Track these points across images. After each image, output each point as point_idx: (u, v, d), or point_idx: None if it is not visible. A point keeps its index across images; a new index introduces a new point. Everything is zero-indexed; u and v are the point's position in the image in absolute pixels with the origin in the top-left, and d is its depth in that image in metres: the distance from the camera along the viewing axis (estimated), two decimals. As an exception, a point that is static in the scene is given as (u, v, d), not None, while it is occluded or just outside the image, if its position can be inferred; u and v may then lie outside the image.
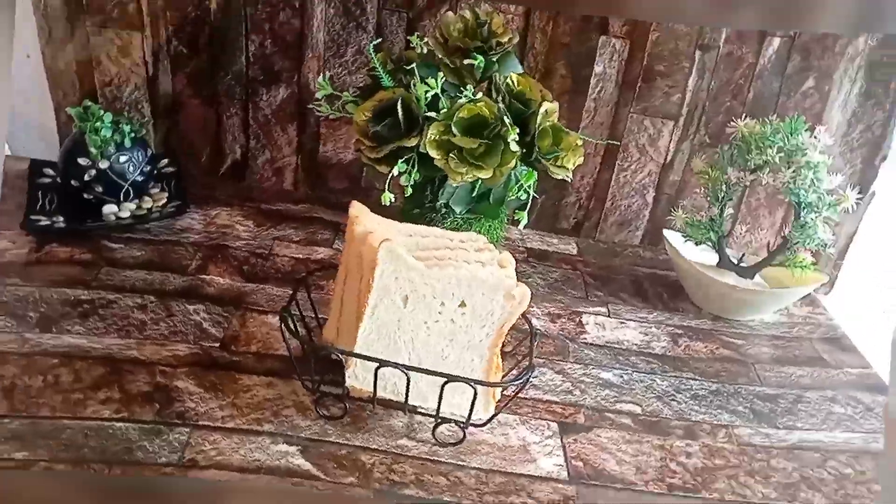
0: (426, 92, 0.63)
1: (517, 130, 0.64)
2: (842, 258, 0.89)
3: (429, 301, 0.52)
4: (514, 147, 0.63)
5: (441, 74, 0.64)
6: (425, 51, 0.69)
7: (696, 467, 0.57)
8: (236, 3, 0.78)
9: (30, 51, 0.80)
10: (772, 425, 0.63)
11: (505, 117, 0.64)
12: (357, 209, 0.57)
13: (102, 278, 0.67)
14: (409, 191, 0.66)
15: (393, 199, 0.66)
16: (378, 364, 0.52)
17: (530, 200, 0.68)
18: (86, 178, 0.72)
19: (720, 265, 0.78)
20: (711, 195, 0.75)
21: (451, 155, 0.63)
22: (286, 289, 0.69)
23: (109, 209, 0.75)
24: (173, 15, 0.79)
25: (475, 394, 0.52)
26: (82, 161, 0.72)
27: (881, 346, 0.78)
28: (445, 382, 0.52)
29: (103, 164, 0.72)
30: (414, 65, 0.65)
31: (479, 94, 0.65)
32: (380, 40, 0.78)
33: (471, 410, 0.54)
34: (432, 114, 0.64)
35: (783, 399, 0.67)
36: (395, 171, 0.64)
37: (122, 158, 0.73)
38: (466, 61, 0.66)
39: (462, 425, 0.56)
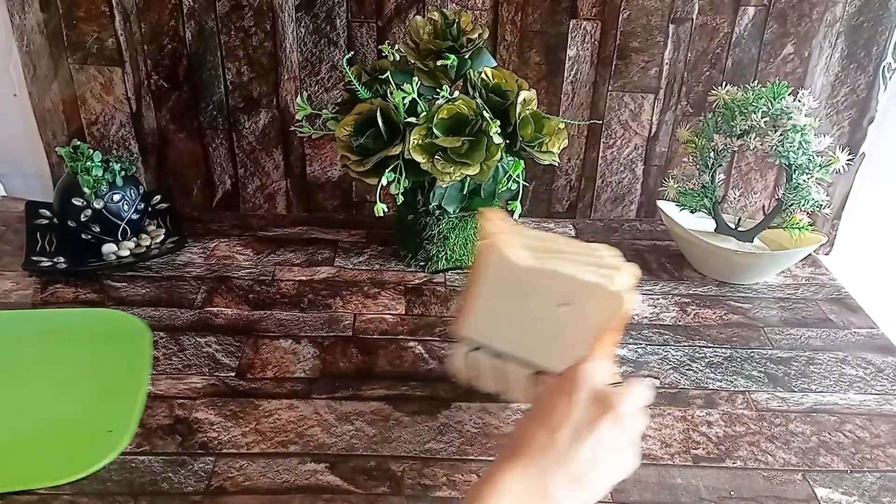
0: (403, 98, 0.63)
1: (498, 123, 0.64)
2: (838, 218, 0.89)
3: (533, 298, 0.53)
4: (497, 140, 0.64)
5: (416, 79, 0.65)
6: (397, 58, 0.69)
7: (719, 436, 0.58)
8: (210, 31, 0.79)
9: (17, 90, 0.82)
10: (787, 389, 0.63)
11: (484, 112, 0.64)
12: (491, 214, 0.58)
13: (110, 318, 0.68)
14: (401, 198, 0.67)
15: (386, 210, 0.67)
16: (471, 348, 0.55)
17: (521, 189, 0.68)
18: (82, 218, 0.73)
19: (718, 231, 0.78)
20: (701, 163, 0.75)
21: (436, 157, 0.64)
22: (294, 312, 0.70)
23: (109, 248, 0.76)
24: (150, 48, 0.80)
25: None
26: (77, 201, 0.73)
27: (885, 306, 0.78)
28: (532, 373, 0.53)
29: (98, 204, 0.73)
30: (388, 73, 0.65)
31: (456, 93, 0.65)
32: (352, 53, 0.78)
33: None
34: (412, 119, 0.64)
35: (795, 362, 0.67)
36: (384, 181, 0.65)
37: (116, 197, 0.73)
38: (440, 62, 0.66)
39: None
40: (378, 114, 0.64)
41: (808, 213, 0.72)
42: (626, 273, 0.52)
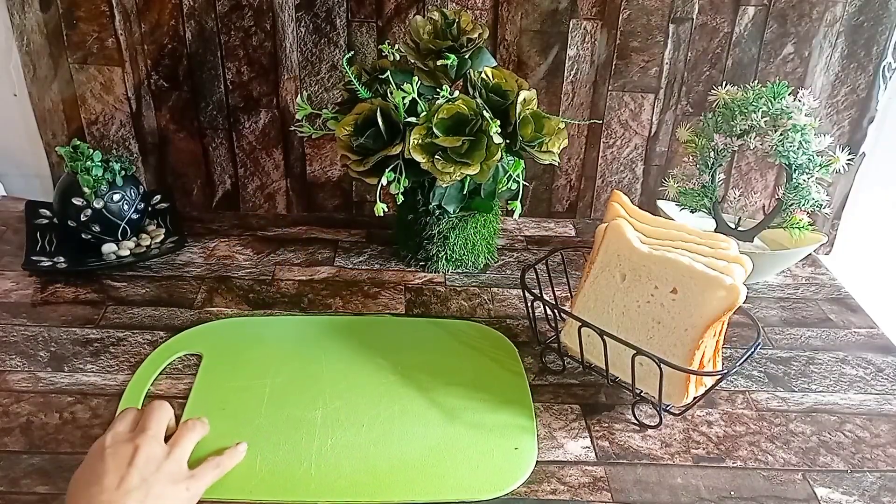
0: (403, 98, 0.63)
1: (498, 123, 0.64)
2: (838, 218, 0.89)
3: (644, 282, 0.56)
4: (497, 139, 0.64)
5: (416, 78, 0.65)
6: (398, 57, 0.69)
7: (719, 436, 0.57)
8: (210, 31, 0.79)
9: (17, 90, 0.82)
10: (787, 389, 0.63)
11: (484, 111, 0.64)
12: (618, 197, 0.60)
13: (110, 316, 0.68)
14: (401, 198, 0.67)
15: (386, 210, 0.67)
16: (580, 324, 0.57)
17: (521, 189, 0.68)
18: (82, 217, 0.73)
19: (718, 230, 0.78)
20: (701, 162, 0.75)
21: (436, 157, 0.64)
22: (294, 312, 0.70)
23: (109, 248, 0.76)
24: (150, 48, 0.80)
25: (661, 373, 0.54)
26: (77, 201, 0.73)
27: (885, 306, 0.78)
28: (635, 355, 0.55)
29: (98, 204, 0.73)
30: (388, 73, 0.65)
31: (456, 93, 0.65)
32: (352, 53, 0.78)
33: (660, 391, 0.55)
34: (412, 119, 0.64)
35: (796, 361, 0.67)
36: (384, 181, 0.65)
37: (116, 197, 0.73)
38: (440, 62, 0.66)
39: (656, 407, 0.58)
40: (378, 114, 0.64)
41: (808, 212, 0.72)
42: (740, 266, 0.54)
